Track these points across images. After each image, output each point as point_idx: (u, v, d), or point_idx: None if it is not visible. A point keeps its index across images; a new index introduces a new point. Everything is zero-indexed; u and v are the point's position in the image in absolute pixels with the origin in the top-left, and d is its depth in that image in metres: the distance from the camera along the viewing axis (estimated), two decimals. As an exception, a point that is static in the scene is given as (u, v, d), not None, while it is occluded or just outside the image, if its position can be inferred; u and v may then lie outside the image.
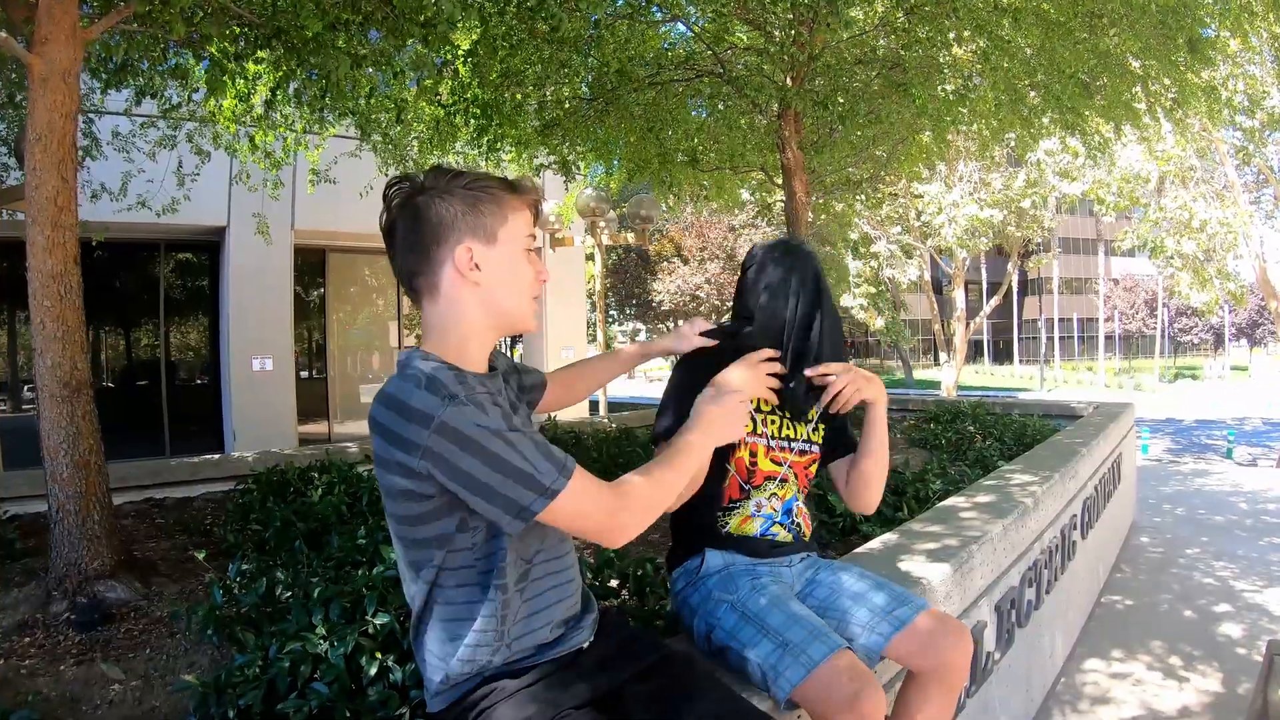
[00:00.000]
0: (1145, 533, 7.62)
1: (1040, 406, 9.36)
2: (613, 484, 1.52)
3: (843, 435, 2.38)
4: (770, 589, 2.06)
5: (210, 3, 4.06)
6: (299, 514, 4.15)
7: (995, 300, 23.63)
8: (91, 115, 7.17)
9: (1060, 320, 51.09)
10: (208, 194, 9.59)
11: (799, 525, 2.31)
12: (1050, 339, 49.30)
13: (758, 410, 2.24)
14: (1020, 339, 56.92)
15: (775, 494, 2.25)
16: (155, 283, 13.14)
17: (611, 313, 36.62)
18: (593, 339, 17.63)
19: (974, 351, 55.95)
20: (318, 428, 13.84)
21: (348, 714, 2.01)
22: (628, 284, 35.29)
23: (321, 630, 2.30)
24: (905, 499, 4.66)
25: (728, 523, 2.21)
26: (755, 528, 2.23)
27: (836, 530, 4.26)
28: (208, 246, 12.97)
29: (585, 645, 1.69)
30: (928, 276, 25.51)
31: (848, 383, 2.15)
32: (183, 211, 8.51)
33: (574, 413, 13.94)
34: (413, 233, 1.56)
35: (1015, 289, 50.37)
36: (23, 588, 3.55)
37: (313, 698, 2.06)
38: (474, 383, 1.48)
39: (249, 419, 11.79)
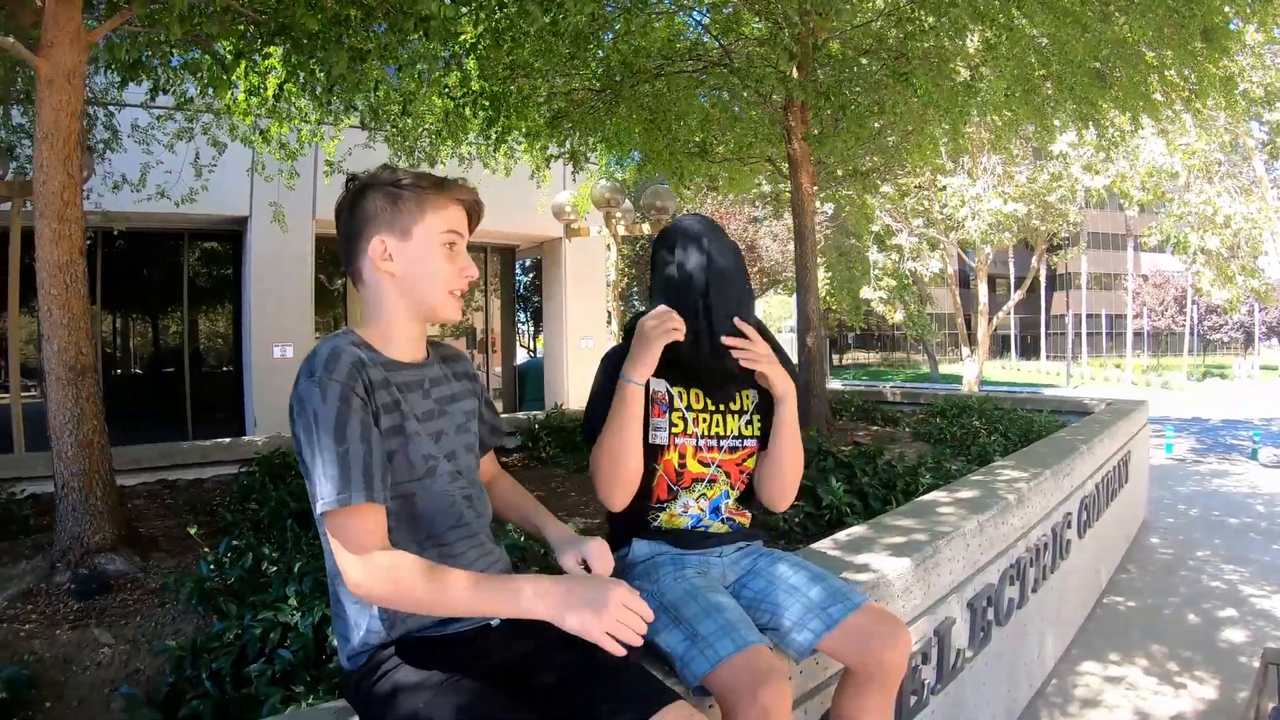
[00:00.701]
0: (1156, 533, 7.51)
1: (1052, 402, 9.33)
2: (388, 551, 1.50)
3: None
4: (692, 580, 2.07)
5: (212, 2, 4.17)
6: (294, 495, 4.28)
7: (1018, 295, 23.46)
8: (112, 109, 7.34)
9: (1088, 316, 50.48)
10: (230, 184, 9.75)
11: (732, 520, 2.27)
12: (1078, 335, 48.75)
13: (689, 409, 2.21)
14: (1048, 334, 56.30)
15: (704, 494, 2.23)
16: (180, 271, 13.38)
17: (635, 303, 36.63)
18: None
19: (1001, 346, 55.49)
20: (337, 414, 14.01)
21: (308, 679, 2.12)
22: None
23: (294, 602, 2.41)
24: (894, 492, 4.67)
25: (658, 517, 2.22)
26: (686, 523, 2.22)
27: (822, 523, 4.28)
28: (231, 236, 13.19)
29: (495, 622, 1.74)
30: (952, 270, 25.33)
31: (753, 348, 2.09)
32: (205, 201, 8.67)
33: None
34: (345, 224, 1.72)
35: (1044, 284, 49.78)
36: (30, 560, 3.73)
37: (278, 663, 2.19)
38: (349, 367, 1.55)
39: (269, 405, 11.96)
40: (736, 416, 2.26)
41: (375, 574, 1.48)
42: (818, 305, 7.82)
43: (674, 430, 2.20)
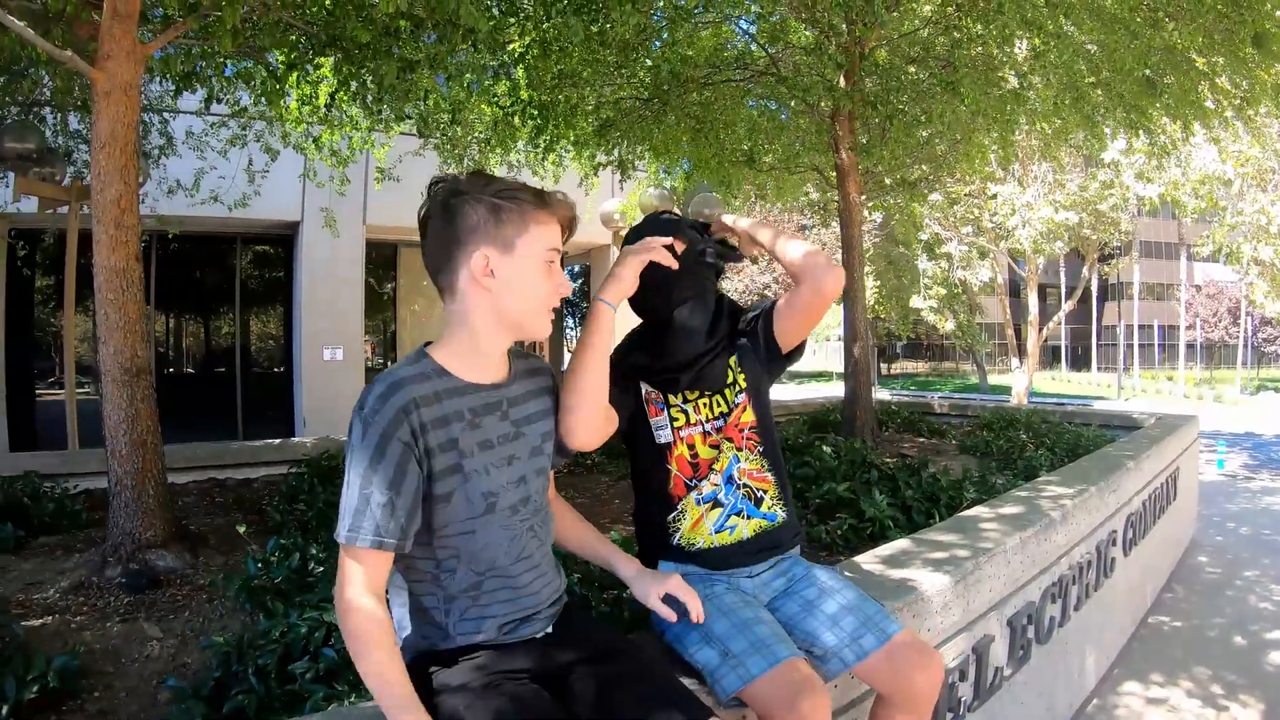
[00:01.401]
0: (1204, 551, 7.35)
1: (1101, 416, 9.18)
2: (369, 602, 1.50)
3: (758, 323, 2.26)
4: (722, 597, 2.04)
5: (264, 15, 4.27)
6: (341, 496, 4.34)
7: (1069, 305, 23.11)
8: (167, 116, 7.52)
9: (1140, 327, 49.39)
10: (282, 190, 9.93)
11: (748, 488, 2.19)
12: (1129, 346, 47.81)
13: (685, 400, 2.20)
14: (1099, 345, 55.34)
15: (714, 469, 2.18)
16: (232, 273, 13.69)
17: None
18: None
19: (1051, 357, 54.59)
20: (386, 416, 14.16)
21: (351, 678, 2.17)
22: (697, 282, 35.32)
23: (338, 601, 2.46)
24: (938, 506, 4.62)
25: (679, 529, 2.16)
26: (708, 527, 2.15)
27: (865, 535, 4.25)
28: (282, 240, 13.45)
29: (539, 635, 1.75)
30: (1002, 279, 25.04)
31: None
32: (257, 206, 8.84)
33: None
34: (440, 233, 1.66)
35: (1095, 294, 48.87)
36: (82, 554, 3.85)
37: (322, 661, 2.24)
38: (396, 410, 1.55)
39: (319, 406, 12.16)
40: (730, 388, 2.23)
41: (348, 615, 1.51)
42: (865, 316, 7.80)
43: (676, 425, 2.18)
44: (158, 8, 4.68)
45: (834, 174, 7.75)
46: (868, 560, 2.93)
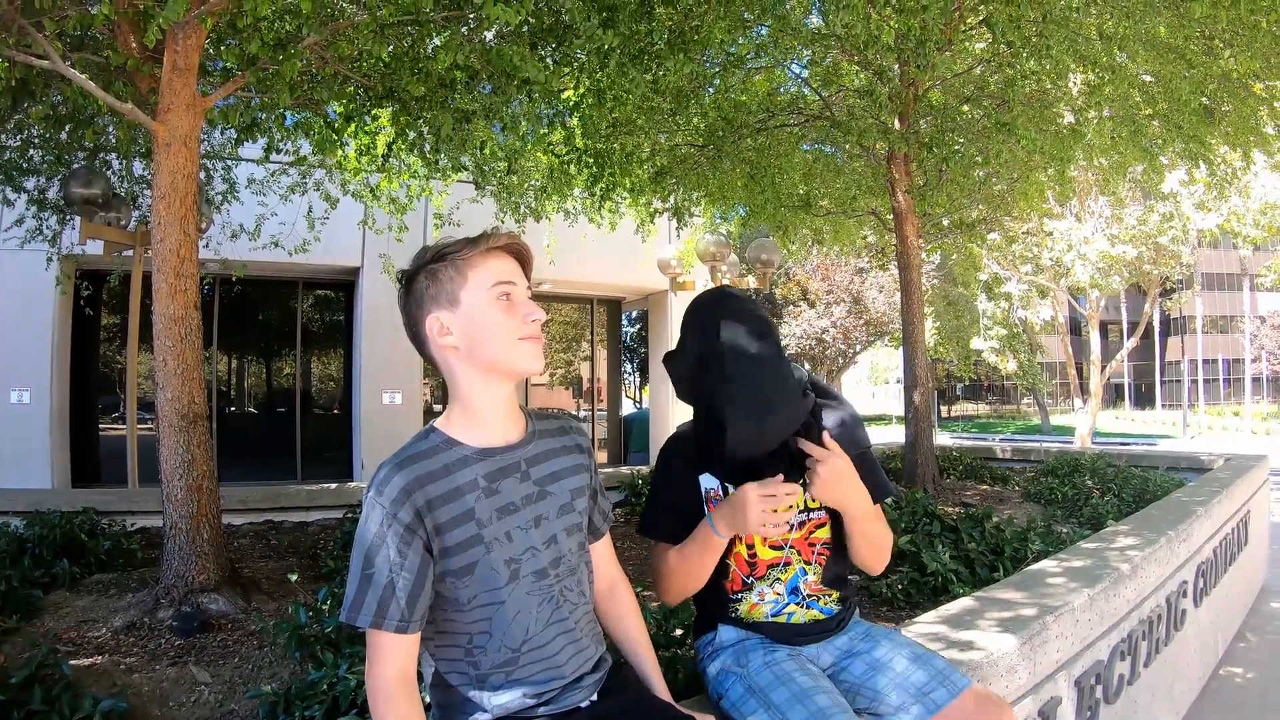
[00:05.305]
0: (1277, 597, 7.09)
1: (1167, 459, 8.94)
2: (375, 679, 1.53)
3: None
4: (782, 664, 1.97)
5: (322, 69, 4.36)
6: (395, 546, 4.34)
7: (1131, 342, 22.65)
8: (230, 163, 7.71)
9: (1204, 362, 48.11)
10: (342, 235, 10.09)
11: (814, 600, 2.12)
12: (1194, 382, 46.52)
13: None
14: (1163, 382, 53.97)
15: (778, 579, 2.09)
16: (293, 317, 13.95)
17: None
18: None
19: (1114, 395, 53.34)
20: (444, 461, 14.26)
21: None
22: (756, 328, 35.18)
23: (388, 655, 2.45)
24: (1003, 559, 4.52)
25: (738, 609, 2.12)
26: (765, 612, 2.10)
27: (927, 590, 4.19)
28: (343, 285, 13.69)
29: (583, 704, 1.71)
30: (1063, 317, 24.63)
31: (821, 474, 1.95)
32: (318, 252, 9.00)
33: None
34: (405, 319, 1.71)
35: (1158, 329, 47.70)
36: (136, 593, 3.91)
37: (369, 716, 2.21)
38: (398, 490, 1.54)
39: (377, 450, 12.23)
40: (802, 490, 2.06)
41: (370, 699, 1.54)
42: (926, 361, 7.71)
43: None
44: (217, 60, 4.82)
45: (891, 217, 7.71)
46: (930, 620, 2.82)
